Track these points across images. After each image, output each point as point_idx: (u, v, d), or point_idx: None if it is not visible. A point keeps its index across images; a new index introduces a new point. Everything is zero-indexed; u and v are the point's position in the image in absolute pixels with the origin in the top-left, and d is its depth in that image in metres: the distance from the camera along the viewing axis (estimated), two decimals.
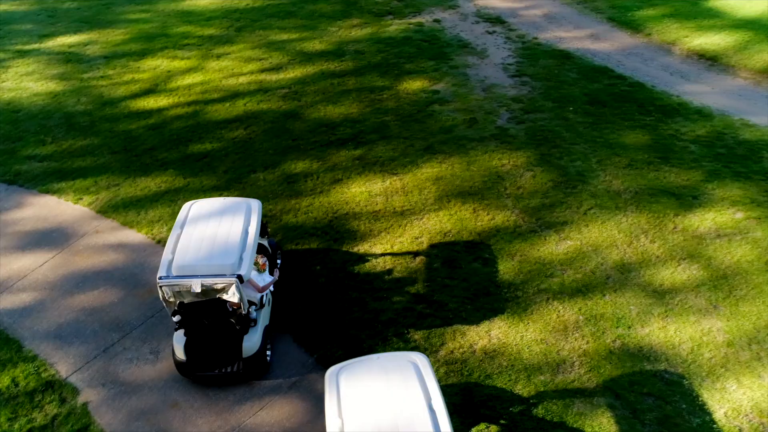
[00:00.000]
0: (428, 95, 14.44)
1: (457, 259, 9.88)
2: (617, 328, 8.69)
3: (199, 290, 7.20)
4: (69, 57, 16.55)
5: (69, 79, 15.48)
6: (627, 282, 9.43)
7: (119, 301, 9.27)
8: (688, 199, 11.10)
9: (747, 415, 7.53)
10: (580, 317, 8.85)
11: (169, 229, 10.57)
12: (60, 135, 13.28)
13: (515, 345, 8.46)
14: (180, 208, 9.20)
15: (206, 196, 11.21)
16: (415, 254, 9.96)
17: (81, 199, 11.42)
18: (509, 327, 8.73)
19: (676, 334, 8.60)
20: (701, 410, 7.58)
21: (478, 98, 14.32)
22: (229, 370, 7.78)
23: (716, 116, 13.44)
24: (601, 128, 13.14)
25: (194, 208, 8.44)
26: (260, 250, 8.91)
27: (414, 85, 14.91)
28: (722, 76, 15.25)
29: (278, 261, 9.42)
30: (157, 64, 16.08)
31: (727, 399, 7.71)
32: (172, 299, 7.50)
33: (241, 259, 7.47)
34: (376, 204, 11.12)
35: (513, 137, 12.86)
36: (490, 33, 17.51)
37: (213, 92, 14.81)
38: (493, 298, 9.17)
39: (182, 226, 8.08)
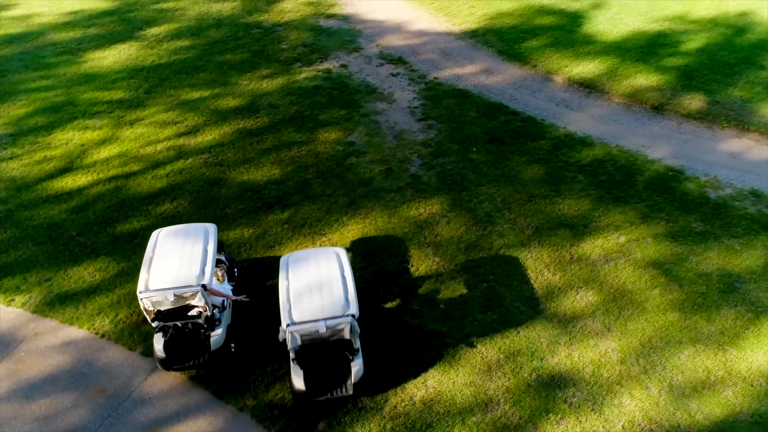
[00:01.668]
0: (344, 147, 15.40)
1: (390, 315, 10.94)
2: (532, 361, 10.12)
3: (172, 299, 9.15)
4: None
5: None
6: (536, 316, 10.91)
7: (72, 406, 9.54)
8: (580, 228, 12.82)
9: (640, 424, 9.15)
10: (501, 356, 10.19)
11: (111, 321, 10.89)
12: None
13: (449, 391, 9.66)
14: (118, 295, 11.15)
15: None
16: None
17: (13, 300, 11.40)
18: (442, 375, 9.92)
19: (579, 359, 10.15)
20: (603, 429, 9.11)
21: (390, 146, 15.46)
22: (200, 361, 9.71)
23: (597, 144, 15.38)
24: (502, 166, 14.68)
25: (161, 234, 10.30)
26: (219, 263, 10.95)
27: (330, 137, 15.81)
28: (599, 102, 17.33)
29: (235, 272, 11.30)
30: (68, 138, 15.93)
31: (623, 413, 9.30)
32: (150, 308, 9.37)
33: (203, 272, 9.40)
34: None
35: (426, 184, 14.11)
36: (394, 75, 18.71)
37: (132, 164, 14.96)
38: (424, 349, 10.32)
39: (153, 250, 9.92)
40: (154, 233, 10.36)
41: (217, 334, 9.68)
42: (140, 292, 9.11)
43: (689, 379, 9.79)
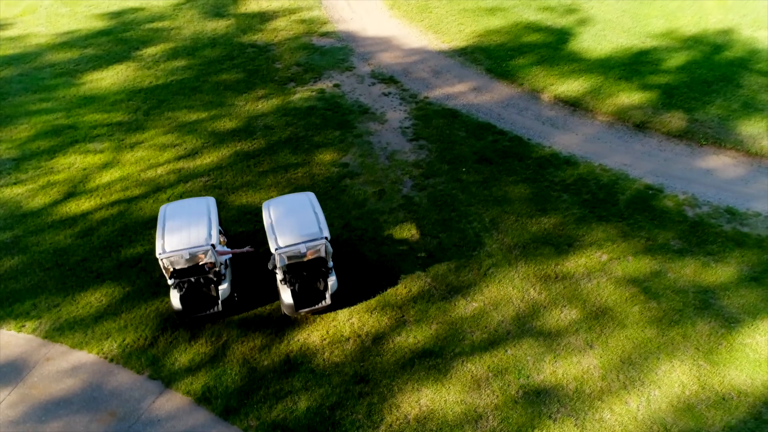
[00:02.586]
0: (339, 169, 15.98)
1: (384, 335, 11.55)
2: (519, 378, 10.75)
3: (187, 257, 10.96)
4: None
5: None
6: (523, 334, 11.55)
7: (85, 430, 10.07)
8: (564, 248, 13.47)
9: None
10: (490, 374, 10.82)
11: (119, 345, 11.43)
12: None
13: (441, 409, 10.27)
14: (124, 320, 11.94)
15: (146, 305, 12.15)
16: (348, 338, 11.51)
17: (23, 326, 11.91)
18: (434, 393, 10.53)
19: (563, 376, 10.79)
20: None
21: (383, 167, 16.06)
22: (213, 311, 11.53)
23: (581, 163, 16.05)
24: (490, 186, 15.32)
25: (168, 208, 12.03)
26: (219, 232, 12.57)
27: (325, 158, 16.39)
28: (583, 120, 18.01)
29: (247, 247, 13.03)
30: (70, 162, 16.42)
31: (604, 427, 9.95)
32: (168, 267, 11.14)
33: (210, 234, 11.22)
34: None
35: (417, 205, 14.72)
36: (386, 95, 19.31)
37: (134, 188, 15.48)
38: (417, 369, 10.93)
39: (164, 221, 11.58)
40: (162, 208, 12.06)
41: (224, 287, 11.56)
42: (159, 254, 10.81)
43: (665, 393, 10.45)
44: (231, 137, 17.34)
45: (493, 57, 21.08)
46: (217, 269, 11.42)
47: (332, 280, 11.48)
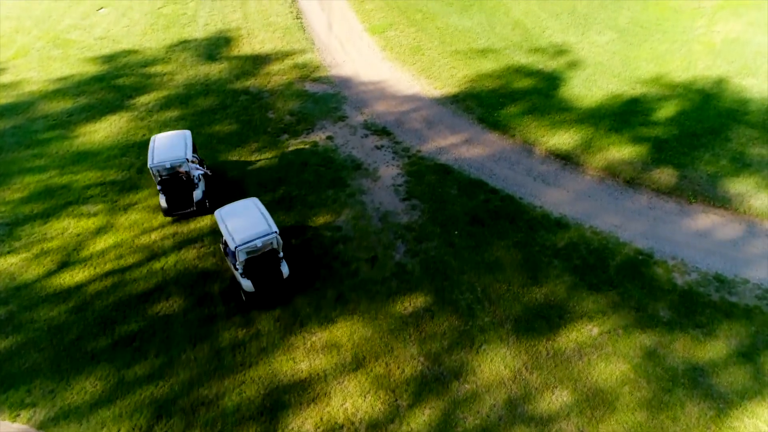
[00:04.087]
0: (332, 233, 16.08)
1: (378, 423, 11.66)
2: None
3: (168, 167, 15.77)
4: None
5: None
6: (515, 420, 11.68)
7: None
8: (556, 320, 13.62)
9: None
10: None
11: None
12: None
13: None
14: (120, 408, 12.13)
15: (141, 390, 12.23)
16: (342, 425, 11.62)
17: (18, 415, 11.97)
18: None
19: None
20: None
21: (376, 230, 16.17)
22: (189, 210, 16.33)
23: (572, 226, 16.21)
24: (482, 251, 15.46)
25: (157, 137, 16.76)
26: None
27: (318, 220, 16.49)
28: (574, 175, 18.17)
29: (205, 166, 17.43)
30: (64, 227, 16.46)
31: None
32: (156, 175, 15.85)
33: (185, 151, 16.04)
34: (301, 372, 12.64)
35: (410, 274, 14.84)
36: (378, 148, 19.42)
37: (128, 256, 15.54)
38: None
39: (154, 144, 16.38)
40: (152, 138, 16.70)
41: (197, 193, 16.27)
42: (150, 165, 15.60)
43: None
44: None
45: (484, 105, 21.21)
46: (192, 178, 16.06)
47: (285, 267, 13.92)
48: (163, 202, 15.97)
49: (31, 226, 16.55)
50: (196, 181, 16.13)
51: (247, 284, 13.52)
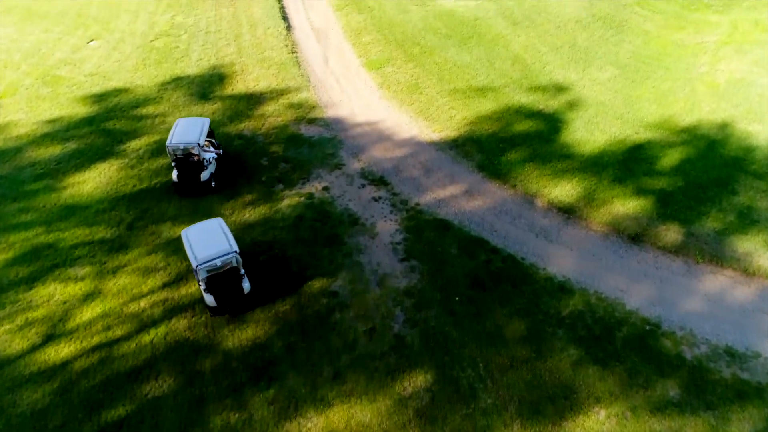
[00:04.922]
0: (328, 300, 15.52)
1: None
2: None
3: (182, 148, 18.22)
4: None
5: None
6: None
7: None
8: (562, 402, 13.09)
9: None
10: None
11: None
12: None
13: None
14: None
15: None
16: None
17: None
18: None
19: None
20: None
21: (374, 296, 15.62)
22: (197, 187, 18.68)
23: (576, 291, 15.66)
24: (484, 320, 14.92)
25: (180, 122, 19.28)
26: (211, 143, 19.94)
27: (314, 285, 15.92)
28: (577, 230, 17.64)
29: (220, 149, 20.13)
30: (50, 293, 15.87)
31: None
32: (172, 154, 18.29)
33: (199, 137, 18.40)
34: None
35: (409, 348, 14.30)
36: (375, 200, 18.86)
37: (116, 327, 14.96)
38: None
39: (174, 131, 18.82)
40: (176, 121, 19.39)
41: (204, 173, 18.65)
42: (168, 144, 18.17)
43: None
44: None
45: (484, 150, 20.68)
46: (201, 161, 18.47)
47: (246, 283, 14.81)
48: (175, 177, 18.60)
49: (16, 292, 15.95)
50: (206, 163, 18.62)
51: (209, 299, 14.51)
